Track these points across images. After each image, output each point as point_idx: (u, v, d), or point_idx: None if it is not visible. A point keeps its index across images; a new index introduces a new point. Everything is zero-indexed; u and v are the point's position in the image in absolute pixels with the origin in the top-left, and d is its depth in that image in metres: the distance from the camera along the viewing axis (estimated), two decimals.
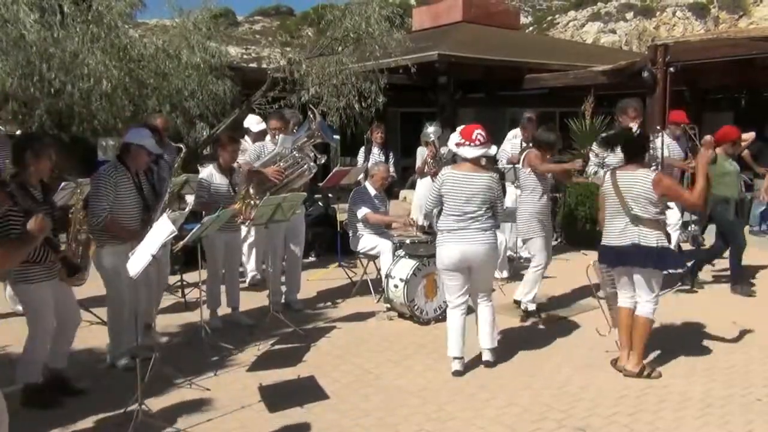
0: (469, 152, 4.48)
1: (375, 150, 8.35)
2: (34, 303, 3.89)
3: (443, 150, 7.48)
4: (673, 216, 6.79)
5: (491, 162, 6.67)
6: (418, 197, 8.04)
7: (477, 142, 4.46)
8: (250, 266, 6.94)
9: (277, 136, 5.92)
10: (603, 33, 42.83)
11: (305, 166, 5.79)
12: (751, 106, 14.71)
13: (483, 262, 4.49)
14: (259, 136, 7.16)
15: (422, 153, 7.98)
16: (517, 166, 7.63)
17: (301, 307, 6.13)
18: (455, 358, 4.51)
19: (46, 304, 3.88)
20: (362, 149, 8.59)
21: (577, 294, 6.50)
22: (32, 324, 3.94)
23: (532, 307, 5.74)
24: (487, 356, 4.61)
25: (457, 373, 4.46)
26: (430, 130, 7.63)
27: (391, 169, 7.98)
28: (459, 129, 4.61)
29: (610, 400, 4.04)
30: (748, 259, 6.74)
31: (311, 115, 5.86)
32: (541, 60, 13.22)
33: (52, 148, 3.97)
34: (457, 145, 4.52)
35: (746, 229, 9.52)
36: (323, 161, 6.06)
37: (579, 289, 6.66)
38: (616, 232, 4.39)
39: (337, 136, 8.19)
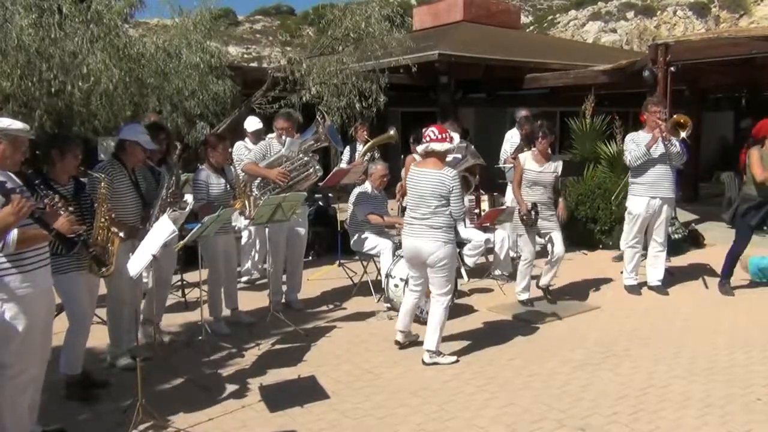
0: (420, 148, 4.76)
1: (359, 147, 8.36)
2: (68, 293, 4.01)
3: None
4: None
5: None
6: None
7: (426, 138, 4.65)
8: (249, 265, 6.95)
9: (283, 137, 5.89)
10: (604, 32, 42.87)
11: (311, 170, 5.79)
12: (751, 106, 14.70)
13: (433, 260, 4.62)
14: (256, 136, 7.15)
15: None
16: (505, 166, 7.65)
17: (301, 306, 6.13)
18: (399, 331, 4.95)
19: (79, 293, 4.01)
20: (347, 148, 8.60)
21: (577, 294, 6.50)
22: (69, 314, 4.06)
23: (522, 297, 6.03)
24: (424, 356, 4.69)
25: (396, 344, 4.92)
26: (444, 125, 7.58)
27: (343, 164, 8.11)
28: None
29: (610, 400, 4.04)
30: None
31: (319, 118, 5.85)
32: (542, 59, 13.22)
33: (78, 146, 4.06)
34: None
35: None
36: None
37: (579, 289, 6.67)
38: None
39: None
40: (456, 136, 4.77)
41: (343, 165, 8.12)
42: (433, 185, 4.54)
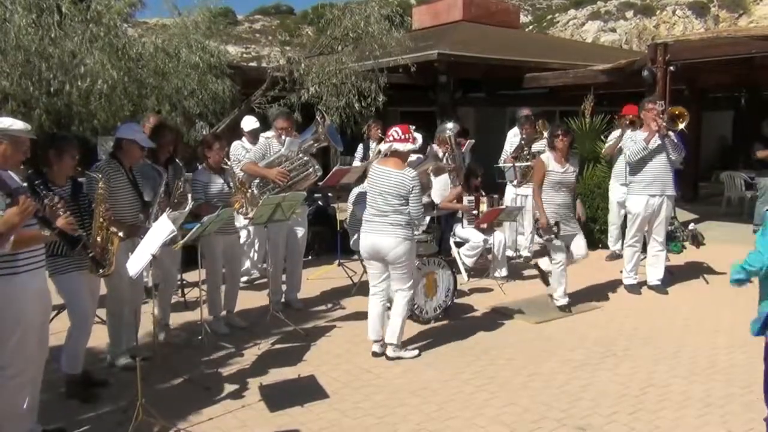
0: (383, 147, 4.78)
1: (372, 146, 8.37)
2: (69, 293, 4.03)
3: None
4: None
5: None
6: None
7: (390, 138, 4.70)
8: (248, 265, 6.94)
9: (283, 136, 5.88)
10: (603, 32, 42.91)
11: (310, 170, 5.78)
12: (750, 105, 14.72)
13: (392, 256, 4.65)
14: (252, 136, 7.15)
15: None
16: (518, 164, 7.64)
17: (301, 306, 6.13)
18: (374, 341, 4.85)
19: (80, 292, 4.03)
20: (360, 146, 8.57)
21: (577, 293, 6.49)
22: (71, 314, 4.08)
23: (562, 302, 5.92)
24: (388, 350, 4.76)
25: (375, 354, 4.82)
26: (449, 125, 7.54)
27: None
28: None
29: (610, 400, 4.04)
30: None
31: (319, 118, 5.84)
32: (541, 59, 13.20)
33: (75, 147, 4.05)
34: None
35: (749, 228, 9.54)
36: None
37: (579, 288, 6.66)
38: None
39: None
40: (419, 137, 4.79)
41: (357, 163, 8.14)
42: (394, 185, 4.59)
